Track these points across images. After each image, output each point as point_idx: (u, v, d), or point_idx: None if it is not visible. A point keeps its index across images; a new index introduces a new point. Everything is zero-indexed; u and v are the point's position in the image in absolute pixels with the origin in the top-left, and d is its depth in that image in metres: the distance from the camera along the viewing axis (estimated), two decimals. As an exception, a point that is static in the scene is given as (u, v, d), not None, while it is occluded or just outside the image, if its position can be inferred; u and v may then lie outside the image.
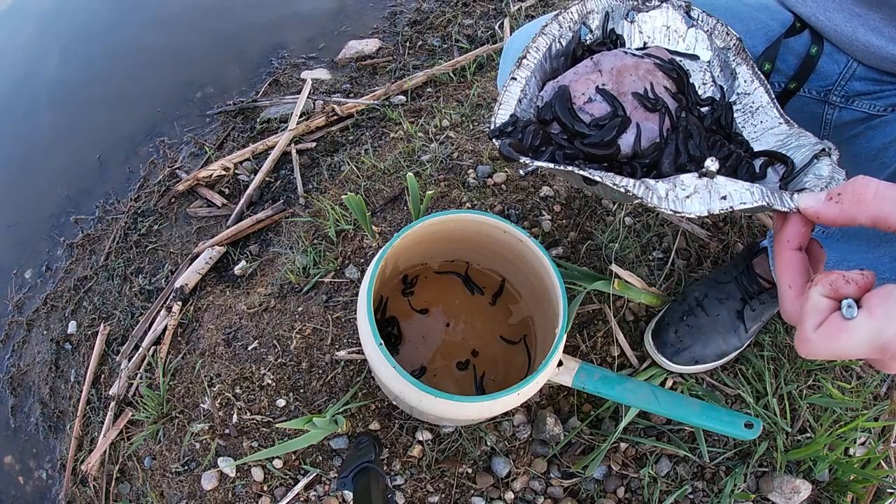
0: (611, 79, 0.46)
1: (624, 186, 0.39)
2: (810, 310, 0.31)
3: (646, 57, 0.48)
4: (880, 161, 0.62)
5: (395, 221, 1.17)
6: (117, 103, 1.73)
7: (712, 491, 0.88)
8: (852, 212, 0.33)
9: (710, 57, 0.51)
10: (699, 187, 0.38)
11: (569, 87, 0.46)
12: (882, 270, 0.54)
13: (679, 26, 0.52)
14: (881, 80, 0.66)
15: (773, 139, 0.48)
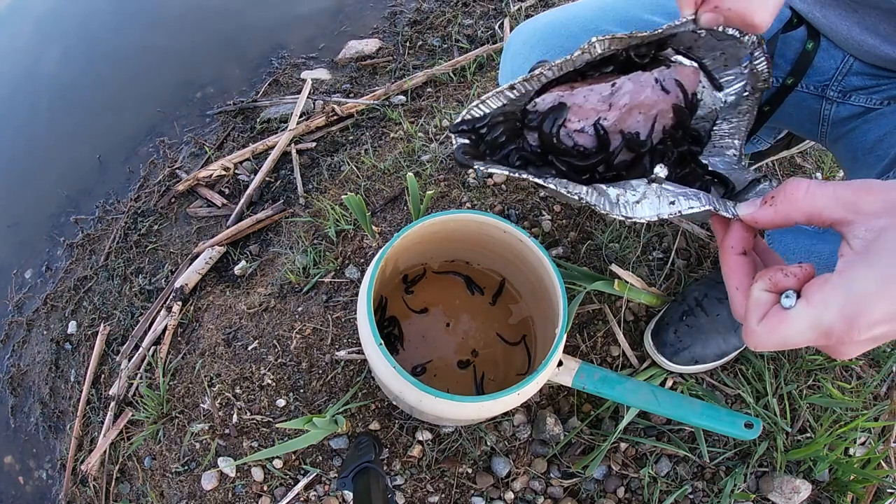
0: (616, 116, 0.46)
1: (577, 194, 0.40)
2: (753, 304, 0.33)
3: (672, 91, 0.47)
4: (876, 154, 0.62)
5: (395, 221, 1.17)
6: (117, 103, 1.73)
7: (712, 491, 0.88)
8: (786, 211, 0.35)
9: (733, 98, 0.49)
10: (648, 192, 0.39)
11: (568, 109, 0.44)
12: None
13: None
14: (878, 75, 0.66)
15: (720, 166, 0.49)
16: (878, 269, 0.29)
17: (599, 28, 0.70)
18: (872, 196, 0.32)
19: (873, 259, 0.30)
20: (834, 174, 1.19)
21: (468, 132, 0.43)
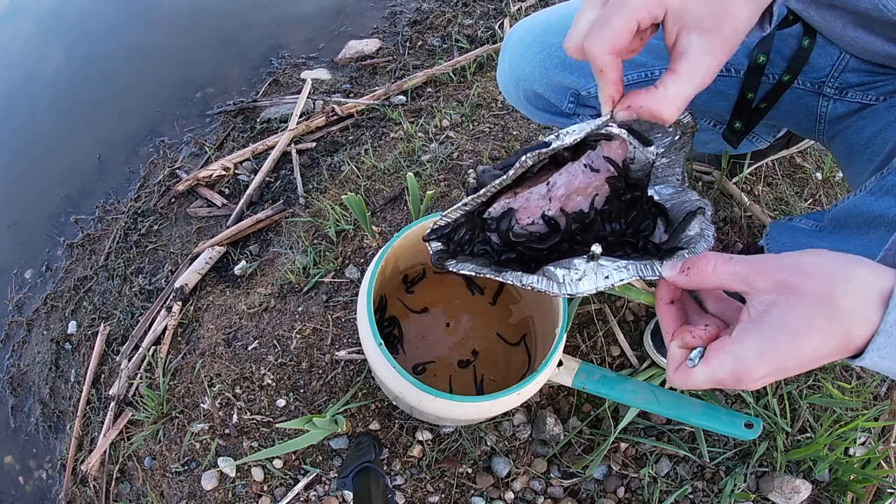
0: (558, 205, 0.54)
1: (530, 284, 0.48)
2: (670, 357, 0.41)
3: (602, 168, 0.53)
4: (871, 150, 0.62)
5: (395, 221, 1.17)
6: (117, 103, 1.73)
7: (712, 491, 0.88)
8: (697, 282, 0.41)
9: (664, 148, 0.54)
10: (588, 270, 0.47)
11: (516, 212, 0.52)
12: (872, 254, 0.55)
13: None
14: (874, 72, 0.66)
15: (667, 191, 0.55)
16: (760, 341, 0.35)
17: None
18: (763, 275, 0.36)
19: (758, 331, 0.36)
20: (834, 174, 1.19)
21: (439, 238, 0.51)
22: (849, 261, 0.35)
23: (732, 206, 1.13)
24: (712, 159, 1.16)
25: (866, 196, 0.56)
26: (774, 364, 0.35)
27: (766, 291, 0.36)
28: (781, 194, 1.16)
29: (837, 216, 0.62)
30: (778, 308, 0.35)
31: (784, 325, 0.35)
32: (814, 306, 0.34)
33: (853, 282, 0.33)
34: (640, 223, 0.53)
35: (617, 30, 0.39)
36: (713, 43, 0.40)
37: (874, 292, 0.33)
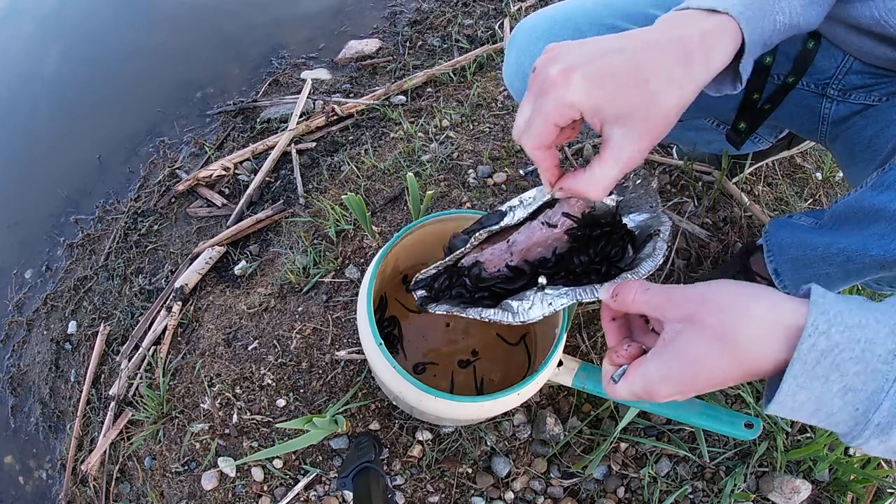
0: (519, 256, 0.61)
1: (488, 317, 0.56)
2: (603, 372, 0.45)
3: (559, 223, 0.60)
4: (872, 149, 0.63)
5: (395, 221, 1.17)
6: (117, 104, 1.73)
7: (712, 491, 0.88)
8: (624, 308, 0.45)
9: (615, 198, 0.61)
10: (535, 299, 0.55)
11: (483, 263, 0.61)
12: (871, 248, 0.55)
13: None
14: (877, 74, 0.66)
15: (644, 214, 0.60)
16: (665, 365, 0.39)
17: (604, 22, 0.70)
18: (672, 306, 0.40)
19: (664, 356, 0.39)
20: (834, 174, 1.19)
21: (422, 287, 0.61)
22: (751, 296, 0.37)
23: (732, 206, 1.13)
24: (712, 159, 1.16)
25: (867, 191, 0.57)
26: (677, 386, 0.38)
27: (675, 321, 0.39)
28: (781, 194, 1.16)
29: (837, 212, 0.62)
30: (683, 336, 0.38)
31: (686, 353, 0.38)
32: (712, 339, 0.36)
33: (750, 317, 0.35)
34: (608, 251, 0.59)
35: (538, 132, 0.44)
36: (636, 131, 0.41)
37: (776, 327, 0.35)
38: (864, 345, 0.33)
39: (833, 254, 0.61)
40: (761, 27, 0.45)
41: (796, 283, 0.74)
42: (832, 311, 0.33)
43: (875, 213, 0.55)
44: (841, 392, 0.33)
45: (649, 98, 0.40)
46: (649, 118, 0.41)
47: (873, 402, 0.33)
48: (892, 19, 0.57)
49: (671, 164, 1.19)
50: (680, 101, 0.41)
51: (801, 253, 0.69)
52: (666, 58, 0.41)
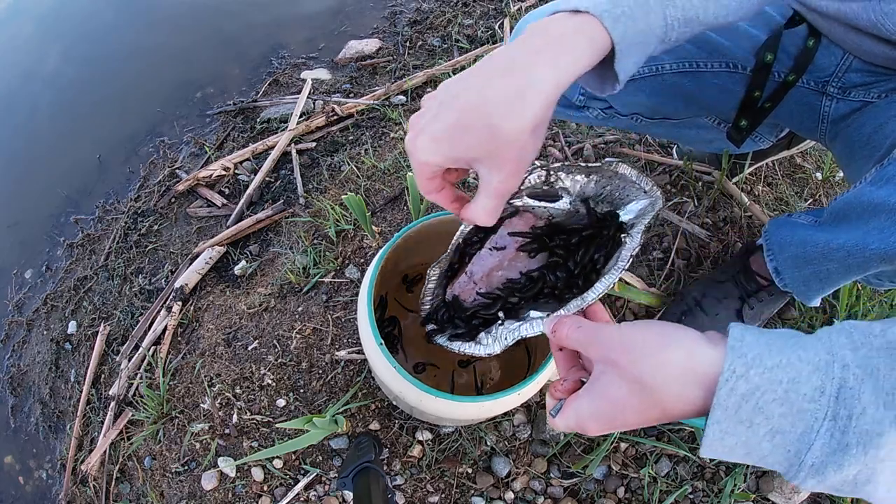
0: (484, 283, 0.66)
1: (463, 350, 0.61)
2: (546, 404, 0.46)
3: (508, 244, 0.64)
4: (871, 145, 0.63)
5: (395, 221, 1.17)
6: (117, 104, 1.73)
7: (712, 491, 0.88)
8: (560, 343, 0.47)
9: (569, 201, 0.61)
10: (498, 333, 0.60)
11: (459, 296, 0.66)
12: (871, 242, 0.55)
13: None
14: (877, 72, 0.66)
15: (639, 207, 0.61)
16: (592, 404, 0.40)
17: None
18: (595, 347, 0.41)
19: (591, 395, 0.40)
20: (834, 174, 1.19)
21: (430, 322, 0.65)
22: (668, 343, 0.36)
23: (732, 206, 1.13)
24: (712, 159, 1.16)
25: (866, 187, 0.57)
26: (605, 423, 0.39)
27: (600, 361, 0.41)
28: (781, 194, 1.16)
29: (837, 209, 0.62)
30: (605, 377, 0.39)
31: (608, 394, 0.39)
32: (630, 384, 0.37)
33: (666, 365, 0.35)
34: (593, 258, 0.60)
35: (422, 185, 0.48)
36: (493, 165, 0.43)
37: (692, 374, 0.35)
38: (787, 385, 0.31)
39: (833, 249, 0.62)
40: (645, 23, 0.43)
41: (797, 281, 0.74)
42: (750, 353, 0.33)
43: (875, 208, 0.55)
44: (769, 435, 0.32)
45: (492, 133, 0.41)
46: (499, 151, 0.41)
47: (804, 442, 0.31)
48: (887, 23, 0.57)
49: (671, 164, 1.19)
50: (522, 125, 0.40)
51: (802, 250, 0.69)
52: (506, 86, 0.40)
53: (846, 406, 0.31)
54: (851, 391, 0.31)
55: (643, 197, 0.58)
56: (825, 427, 0.31)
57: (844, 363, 0.32)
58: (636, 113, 0.81)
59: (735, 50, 0.71)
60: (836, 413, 0.31)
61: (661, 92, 0.76)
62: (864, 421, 0.30)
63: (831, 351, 0.32)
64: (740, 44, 0.71)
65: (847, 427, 0.30)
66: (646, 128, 0.87)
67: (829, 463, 0.31)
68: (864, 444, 0.30)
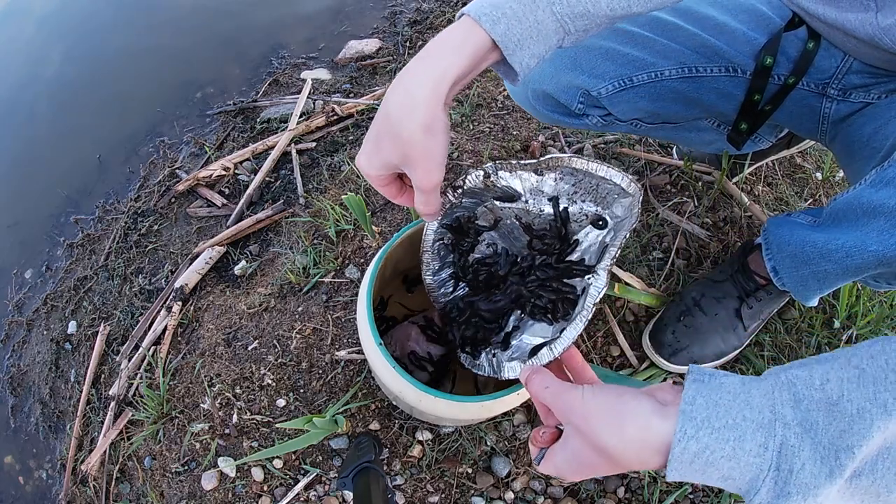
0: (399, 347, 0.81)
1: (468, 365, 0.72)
2: (530, 450, 0.50)
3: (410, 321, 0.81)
4: (872, 146, 0.63)
5: (395, 221, 1.18)
6: (118, 104, 1.73)
7: (712, 491, 0.88)
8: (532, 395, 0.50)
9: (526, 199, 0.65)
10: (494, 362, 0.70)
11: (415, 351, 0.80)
12: (870, 244, 0.55)
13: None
14: (877, 74, 0.66)
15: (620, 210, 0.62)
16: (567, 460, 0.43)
17: None
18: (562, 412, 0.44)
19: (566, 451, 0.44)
20: (834, 174, 1.19)
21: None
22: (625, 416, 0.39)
23: (732, 206, 1.13)
24: (712, 159, 1.16)
25: (866, 188, 0.57)
26: (580, 476, 0.44)
27: (565, 421, 0.45)
28: (781, 194, 1.16)
29: (836, 209, 0.62)
30: (574, 441, 0.43)
31: (579, 455, 0.42)
32: (595, 451, 0.41)
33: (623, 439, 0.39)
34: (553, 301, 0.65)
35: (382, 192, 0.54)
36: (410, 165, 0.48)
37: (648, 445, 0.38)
38: (733, 443, 0.35)
39: (832, 250, 0.62)
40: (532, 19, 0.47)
41: (794, 281, 0.74)
42: (699, 416, 0.36)
43: (874, 210, 0.55)
44: (721, 480, 0.36)
45: (398, 138, 0.46)
46: (408, 152, 0.47)
47: (753, 487, 0.35)
48: (885, 37, 0.57)
49: (671, 164, 1.19)
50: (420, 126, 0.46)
51: (800, 250, 0.69)
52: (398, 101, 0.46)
53: (787, 461, 0.34)
54: (792, 448, 0.34)
55: (624, 195, 0.59)
56: (770, 477, 0.35)
57: (786, 422, 0.35)
58: (636, 119, 0.81)
59: (734, 54, 0.71)
60: (779, 466, 0.34)
61: (660, 97, 0.76)
62: (803, 475, 0.34)
63: (773, 409, 0.36)
64: (739, 48, 0.71)
65: (788, 479, 0.34)
66: (646, 132, 0.87)
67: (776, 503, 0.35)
68: (803, 493, 0.34)
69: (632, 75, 0.74)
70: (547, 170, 0.60)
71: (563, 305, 0.65)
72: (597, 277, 0.60)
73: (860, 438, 0.33)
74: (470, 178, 0.62)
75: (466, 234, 0.70)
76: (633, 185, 0.57)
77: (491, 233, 0.70)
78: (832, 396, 0.35)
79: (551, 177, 0.61)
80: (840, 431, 0.34)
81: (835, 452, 0.34)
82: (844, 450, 0.33)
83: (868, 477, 0.34)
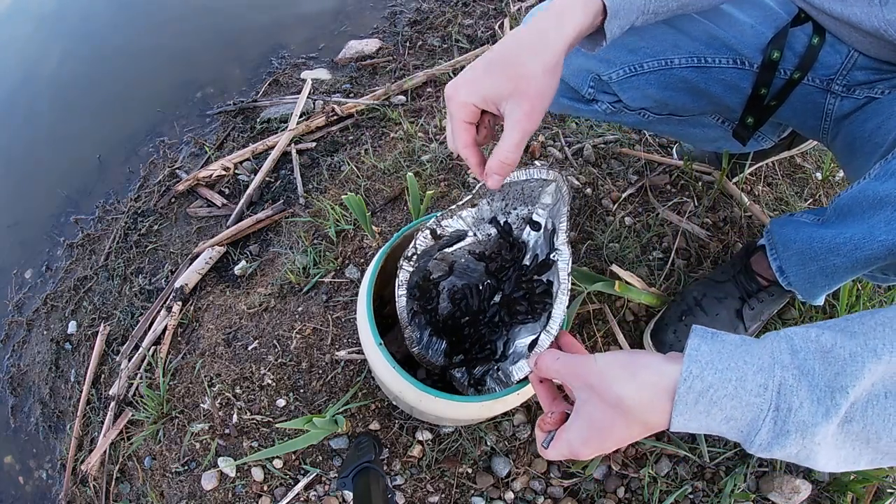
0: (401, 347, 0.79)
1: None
2: (536, 437, 0.51)
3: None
4: (874, 142, 0.63)
5: (395, 221, 1.17)
6: (117, 104, 1.73)
7: (712, 491, 0.88)
8: (541, 374, 0.52)
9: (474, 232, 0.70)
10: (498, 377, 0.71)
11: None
12: (878, 234, 0.56)
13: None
14: (880, 70, 0.66)
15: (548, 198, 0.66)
16: (581, 432, 0.45)
17: None
18: (575, 377, 0.46)
19: (578, 423, 0.45)
20: (834, 174, 1.19)
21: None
22: (638, 367, 0.42)
23: (732, 206, 1.13)
24: (712, 159, 1.16)
25: (871, 182, 0.57)
26: (595, 447, 0.44)
27: (580, 389, 0.45)
28: (781, 194, 1.16)
29: (841, 205, 0.63)
30: (588, 405, 0.44)
31: (594, 421, 0.44)
32: (613, 408, 0.42)
33: (640, 386, 0.41)
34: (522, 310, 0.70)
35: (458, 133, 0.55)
36: (517, 99, 0.51)
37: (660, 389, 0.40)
38: (735, 383, 0.38)
39: (840, 244, 0.62)
40: None
41: (801, 279, 0.74)
42: (703, 359, 0.39)
43: (880, 201, 0.55)
44: (724, 421, 0.39)
45: (518, 71, 0.50)
46: (521, 86, 0.51)
47: (753, 428, 0.38)
48: (890, 29, 0.58)
49: (671, 164, 1.19)
50: (543, 65, 0.50)
51: (807, 246, 0.69)
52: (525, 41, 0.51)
53: (786, 400, 0.37)
54: (790, 388, 0.37)
55: (547, 184, 0.64)
56: (769, 416, 0.37)
57: (784, 365, 0.38)
58: (644, 108, 0.81)
59: (742, 46, 0.72)
60: (779, 405, 0.37)
61: (669, 86, 0.76)
62: (801, 413, 0.36)
63: (773, 355, 0.39)
64: (747, 41, 0.72)
65: (787, 418, 0.37)
66: (653, 124, 0.87)
67: (774, 443, 0.38)
68: (801, 431, 0.37)
69: (642, 62, 0.75)
70: (480, 198, 0.65)
71: (540, 301, 0.68)
72: (559, 253, 0.62)
73: (853, 379, 0.36)
74: (419, 241, 0.66)
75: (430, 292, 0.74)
76: (550, 171, 0.62)
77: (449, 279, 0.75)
78: (826, 346, 0.38)
79: (484, 202, 0.66)
80: (834, 374, 0.37)
81: (830, 393, 0.36)
82: (839, 390, 0.36)
83: (859, 422, 0.36)
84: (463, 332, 0.76)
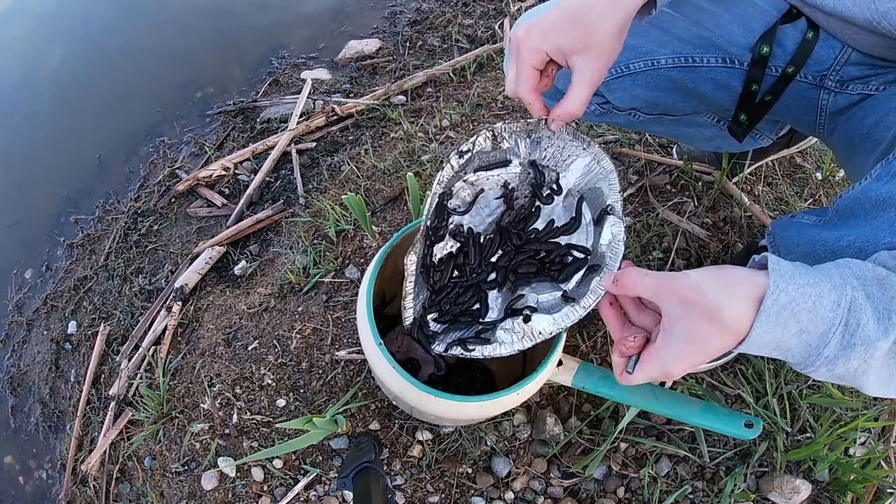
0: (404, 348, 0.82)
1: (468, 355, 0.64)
2: (614, 364, 0.52)
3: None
4: (872, 139, 0.63)
5: (395, 221, 1.17)
6: (118, 104, 1.73)
7: (712, 491, 0.88)
8: (626, 291, 0.52)
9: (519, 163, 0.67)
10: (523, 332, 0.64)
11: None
12: (882, 236, 0.55)
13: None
14: (875, 65, 0.66)
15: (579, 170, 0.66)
16: (676, 348, 0.46)
17: None
18: (669, 292, 0.46)
19: (670, 340, 0.46)
20: (834, 174, 1.19)
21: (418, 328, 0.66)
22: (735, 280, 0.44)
23: (732, 206, 1.13)
24: (712, 159, 1.16)
25: (872, 183, 0.57)
26: (690, 362, 0.46)
27: (672, 305, 0.46)
28: (781, 194, 1.16)
29: (843, 207, 0.62)
30: (683, 321, 0.45)
31: (691, 336, 0.45)
32: (710, 319, 0.43)
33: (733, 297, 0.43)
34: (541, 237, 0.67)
35: (525, 77, 0.57)
36: (589, 55, 0.54)
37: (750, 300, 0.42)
38: (814, 298, 0.41)
39: (844, 247, 0.61)
40: None
41: None
42: (787, 274, 0.42)
43: (883, 203, 0.55)
44: (797, 333, 0.41)
45: (591, 30, 0.53)
46: (593, 44, 0.53)
47: (824, 340, 0.41)
48: (883, 21, 0.58)
49: (671, 164, 1.19)
50: (613, 26, 0.53)
51: (810, 250, 0.69)
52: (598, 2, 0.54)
53: (855, 317, 0.41)
54: (860, 306, 0.41)
55: (584, 154, 0.64)
56: (839, 330, 0.41)
57: (853, 286, 0.42)
58: (634, 108, 0.81)
59: (730, 45, 0.72)
60: (848, 321, 0.41)
61: (657, 86, 0.76)
62: (866, 329, 0.40)
63: (843, 277, 0.42)
64: (735, 39, 0.72)
65: (855, 332, 0.40)
66: (645, 125, 0.87)
67: (840, 356, 0.41)
68: (865, 345, 0.40)
69: (629, 62, 0.75)
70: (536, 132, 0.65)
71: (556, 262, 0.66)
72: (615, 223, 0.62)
73: None
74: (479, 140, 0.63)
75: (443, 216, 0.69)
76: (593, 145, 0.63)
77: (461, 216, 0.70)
78: (881, 275, 0.43)
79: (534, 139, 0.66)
80: (889, 298, 0.42)
81: (888, 314, 0.41)
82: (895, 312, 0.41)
83: None
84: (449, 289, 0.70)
